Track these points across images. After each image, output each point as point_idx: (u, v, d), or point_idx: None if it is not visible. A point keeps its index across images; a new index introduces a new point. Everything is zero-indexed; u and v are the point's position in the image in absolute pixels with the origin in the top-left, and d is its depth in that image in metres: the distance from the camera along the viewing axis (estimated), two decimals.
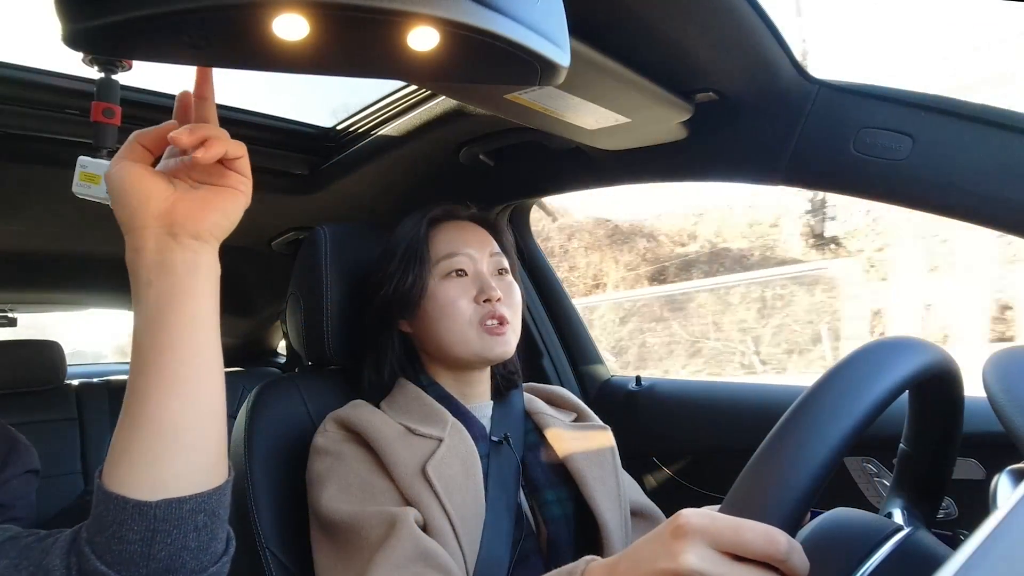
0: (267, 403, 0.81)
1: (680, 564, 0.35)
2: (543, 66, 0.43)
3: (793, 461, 0.36)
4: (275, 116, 1.17)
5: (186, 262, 0.46)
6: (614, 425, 0.85)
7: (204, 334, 0.47)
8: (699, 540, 0.35)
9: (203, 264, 0.47)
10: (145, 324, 0.46)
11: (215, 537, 0.46)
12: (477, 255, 0.79)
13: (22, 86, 0.89)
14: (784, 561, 0.34)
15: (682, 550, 0.35)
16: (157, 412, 0.45)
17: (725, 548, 0.35)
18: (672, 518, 0.38)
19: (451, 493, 0.66)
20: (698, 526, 0.36)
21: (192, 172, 0.49)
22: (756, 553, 0.34)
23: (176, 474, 0.44)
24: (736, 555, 0.35)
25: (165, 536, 0.43)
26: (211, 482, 0.46)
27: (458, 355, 0.77)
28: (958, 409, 0.50)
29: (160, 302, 0.46)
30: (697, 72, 0.81)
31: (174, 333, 0.46)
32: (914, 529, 0.47)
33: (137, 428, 0.45)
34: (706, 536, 0.35)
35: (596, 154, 1.04)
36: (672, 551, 0.36)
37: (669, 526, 0.37)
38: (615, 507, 0.76)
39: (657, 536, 0.38)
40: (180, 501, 0.44)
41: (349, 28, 0.40)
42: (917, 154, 0.76)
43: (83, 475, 1.67)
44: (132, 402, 0.45)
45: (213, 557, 0.47)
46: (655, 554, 0.37)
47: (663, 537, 0.37)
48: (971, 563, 0.24)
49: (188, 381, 0.46)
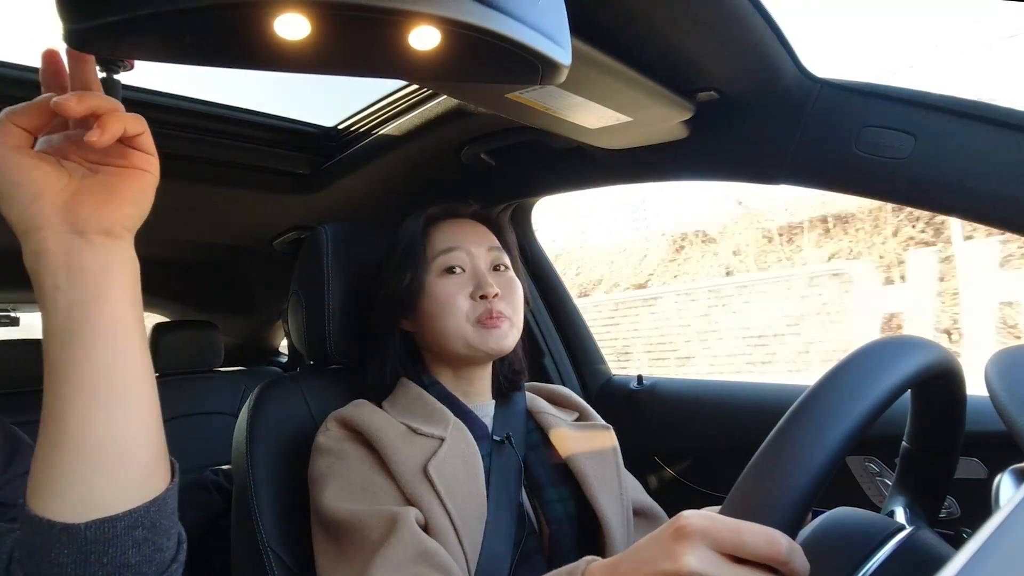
0: (268, 402, 0.81)
1: (681, 566, 0.35)
2: (544, 65, 0.43)
3: (794, 462, 0.36)
4: (276, 115, 1.17)
5: (98, 263, 0.41)
6: (616, 424, 0.85)
7: (125, 340, 0.41)
8: (700, 542, 0.35)
9: (117, 263, 0.42)
10: (57, 335, 0.40)
11: (160, 547, 0.42)
12: (474, 251, 0.79)
13: (23, 86, 0.89)
14: (785, 563, 0.34)
15: (683, 552, 0.35)
16: (79, 431, 0.39)
17: (726, 550, 0.35)
18: (673, 520, 0.37)
19: (452, 493, 0.66)
20: (699, 528, 0.36)
21: (87, 152, 0.42)
22: (757, 555, 0.34)
23: (105, 494, 0.40)
24: (737, 557, 0.35)
25: (100, 556, 0.39)
26: (147, 494, 0.42)
27: (456, 351, 0.77)
28: (960, 408, 0.50)
29: (72, 310, 0.40)
30: (698, 71, 0.81)
31: (91, 343, 0.40)
32: (916, 528, 0.47)
33: (58, 449, 0.40)
34: (707, 538, 0.35)
35: (597, 153, 1.03)
36: (673, 553, 0.36)
37: (670, 528, 0.37)
38: (617, 506, 0.76)
39: (658, 538, 0.38)
40: (113, 520, 0.39)
41: (350, 27, 0.40)
42: (919, 153, 0.75)
43: None
44: (50, 421, 0.40)
45: (159, 567, 0.43)
46: (656, 556, 0.37)
47: (664, 539, 0.37)
48: (973, 563, 0.24)
49: (112, 395, 0.40)
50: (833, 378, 0.39)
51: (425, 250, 0.79)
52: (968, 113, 0.74)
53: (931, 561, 0.43)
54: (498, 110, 0.84)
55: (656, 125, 0.90)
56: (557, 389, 0.91)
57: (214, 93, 1.07)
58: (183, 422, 1.85)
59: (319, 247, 0.87)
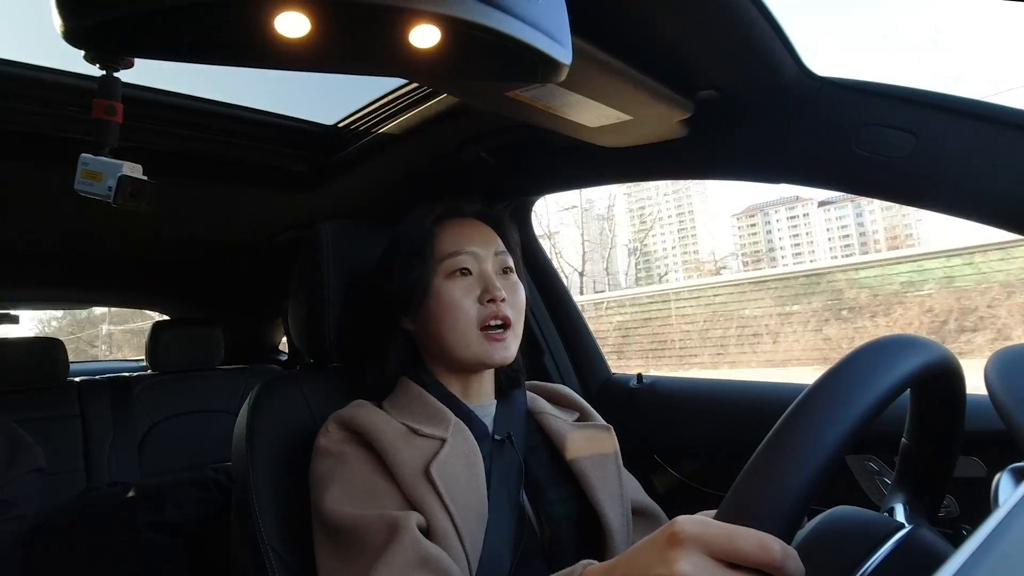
0: (269, 400, 0.81)
1: (674, 572, 0.35)
2: (545, 63, 0.43)
3: (789, 465, 0.36)
4: (277, 113, 1.17)
5: None
6: (616, 423, 0.85)
7: None
8: (693, 548, 0.35)
9: None
10: None
11: None
12: (482, 254, 0.79)
13: (23, 83, 0.89)
14: (779, 568, 0.34)
15: (676, 558, 0.35)
16: None
17: (719, 555, 0.35)
18: (667, 525, 0.37)
19: (454, 494, 0.66)
20: (692, 534, 0.36)
21: None
22: (750, 560, 0.34)
23: None
24: (731, 563, 0.35)
25: None
26: None
27: (459, 357, 0.76)
28: (960, 407, 0.50)
29: None
30: (698, 69, 0.81)
31: None
32: (916, 527, 0.47)
33: None
34: (700, 543, 0.35)
35: (597, 152, 1.03)
36: (666, 559, 0.36)
37: (664, 533, 0.37)
38: (617, 507, 0.76)
39: (652, 543, 0.38)
40: None
41: (351, 25, 0.40)
42: (919, 151, 0.75)
43: (86, 472, 1.67)
44: None
45: None
46: (649, 561, 0.37)
47: (657, 544, 0.37)
48: (972, 561, 0.24)
49: None
50: (831, 378, 0.39)
51: (432, 250, 0.79)
52: (968, 112, 0.73)
53: (930, 559, 0.43)
54: (498, 108, 0.84)
55: (656, 123, 0.90)
56: (557, 388, 0.91)
57: (213, 91, 1.07)
58: (183, 420, 1.85)
59: (319, 245, 0.87)
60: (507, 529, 0.69)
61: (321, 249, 0.87)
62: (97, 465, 1.68)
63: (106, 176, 0.60)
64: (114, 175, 0.60)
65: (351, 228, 0.91)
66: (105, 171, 0.60)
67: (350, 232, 0.90)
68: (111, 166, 0.60)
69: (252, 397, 0.81)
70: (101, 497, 1.30)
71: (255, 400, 0.80)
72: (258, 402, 0.80)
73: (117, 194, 0.60)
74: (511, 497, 0.72)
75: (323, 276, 0.85)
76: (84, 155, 0.59)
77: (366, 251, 0.89)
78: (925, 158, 0.75)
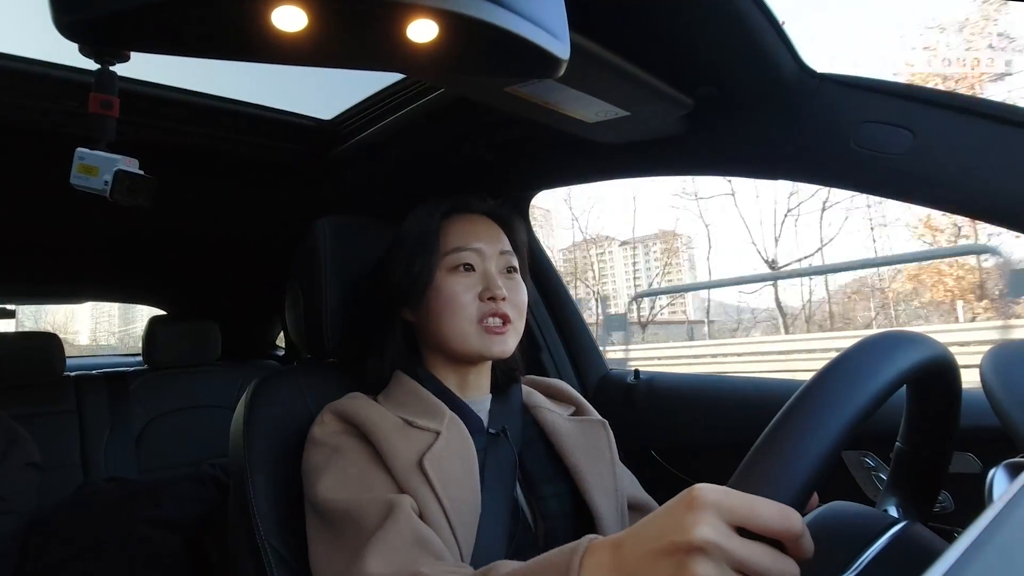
0: (266, 396, 0.81)
1: (694, 536, 0.34)
2: (543, 58, 0.43)
3: (801, 441, 0.37)
4: (274, 108, 1.16)
5: None
6: (612, 418, 0.85)
7: None
8: (713, 512, 0.35)
9: None
10: None
11: None
12: (487, 251, 0.79)
13: (19, 77, 0.88)
14: (798, 538, 0.34)
15: (696, 523, 0.35)
16: None
17: (738, 523, 0.35)
18: (685, 491, 0.37)
19: (447, 486, 0.66)
20: (712, 500, 0.35)
21: None
22: (769, 529, 0.34)
23: None
24: (746, 533, 0.35)
25: None
26: None
27: (456, 349, 0.77)
28: (955, 404, 0.50)
29: None
30: (697, 66, 0.81)
31: None
32: (911, 522, 0.47)
33: None
34: (720, 509, 0.35)
35: (596, 147, 1.03)
36: (685, 524, 0.35)
37: (683, 499, 0.37)
38: (611, 502, 0.76)
39: (667, 510, 0.38)
40: None
41: (348, 20, 0.40)
42: (917, 148, 0.75)
43: (82, 467, 1.67)
44: None
45: None
46: (665, 528, 0.37)
47: (675, 510, 0.37)
48: (967, 556, 0.24)
49: None
50: (833, 370, 0.40)
51: (438, 243, 0.79)
52: (966, 109, 0.74)
53: (926, 554, 0.44)
54: (496, 104, 0.84)
55: (655, 119, 0.90)
56: (554, 383, 0.91)
57: (210, 85, 1.07)
58: (180, 416, 1.85)
59: (316, 240, 0.87)
60: (501, 523, 0.69)
61: (318, 244, 0.86)
62: (94, 461, 1.68)
63: (102, 171, 0.60)
64: (111, 170, 0.60)
65: (348, 223, 0.91)
66: (101, 166, 0.59)
67: (348, 228, 0.90)
68: (108, 161, 0.60)
69: (249, 393, 0.81)
70: (98, 493, 1.30)
71: (252, 396, 0.80)
72: (255, 398, 0.80)
73: (114, 189, 0.60)
74: (505, 491, 0.72)
75: (320, 272, 0.85)
76: (80, 149, 0.59)
77: (363, 246, 0.89)
78: (923, 155, 0.75)
